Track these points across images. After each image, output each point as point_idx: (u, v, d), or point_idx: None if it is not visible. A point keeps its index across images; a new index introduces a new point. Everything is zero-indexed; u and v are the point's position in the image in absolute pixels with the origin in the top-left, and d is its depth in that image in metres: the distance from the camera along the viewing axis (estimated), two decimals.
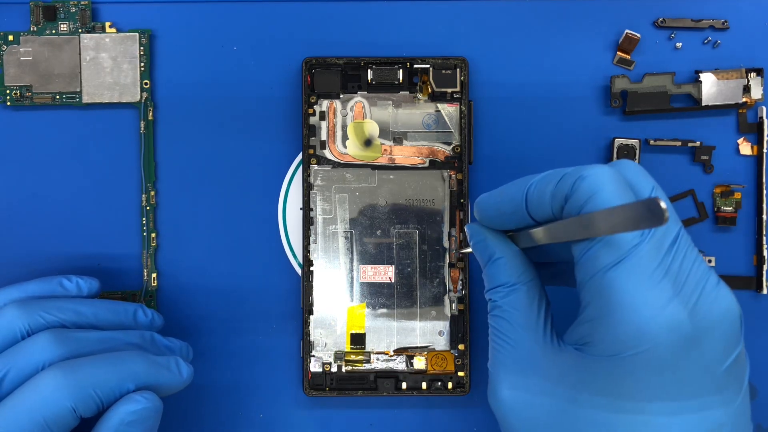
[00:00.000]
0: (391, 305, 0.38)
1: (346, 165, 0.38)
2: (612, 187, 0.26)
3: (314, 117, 0.38)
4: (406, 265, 0.38)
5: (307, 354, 0.38)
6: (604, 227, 0.25)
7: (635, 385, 0.26)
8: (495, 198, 0.30)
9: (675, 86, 0.38)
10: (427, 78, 0.38)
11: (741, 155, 0.39)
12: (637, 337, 0.26)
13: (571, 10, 0.39)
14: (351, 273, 0.38)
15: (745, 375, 0.28)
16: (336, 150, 0.38)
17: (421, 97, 0.38)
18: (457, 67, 0.38)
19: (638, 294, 0.26)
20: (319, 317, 0.38)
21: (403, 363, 0.38)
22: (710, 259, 0.39)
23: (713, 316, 0.26)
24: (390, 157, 0.38)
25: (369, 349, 0.38)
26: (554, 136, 0.39)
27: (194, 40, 0.39)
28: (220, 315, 0.39)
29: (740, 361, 0.28)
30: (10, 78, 0.38)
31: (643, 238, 0.26)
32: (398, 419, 0.39)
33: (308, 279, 0.38)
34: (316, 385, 0.38)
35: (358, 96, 0.38)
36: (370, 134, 0.38)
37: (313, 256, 0.38)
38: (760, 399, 0.39)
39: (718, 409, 0.27)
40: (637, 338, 0.26)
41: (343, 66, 0.38)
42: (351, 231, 0.38)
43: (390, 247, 0.38)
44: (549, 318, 0.30)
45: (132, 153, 0.39)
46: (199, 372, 0.37)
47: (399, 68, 0.38)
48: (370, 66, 0.38)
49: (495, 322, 0.31)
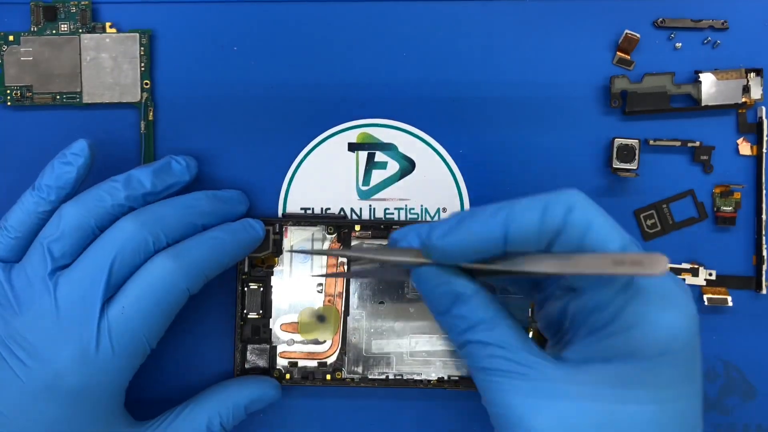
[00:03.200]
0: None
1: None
2: (599, 217, 0.27)
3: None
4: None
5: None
6: (612, 270, 0.26)
7: (654, 379, 0.27)
8: (461, 238, 0.28)
9: (675, 86, 0.38)
10: None
11: (740, 155, 0.39)
12: (673, 336, 0.27)
13: (571, 10, 0.39)
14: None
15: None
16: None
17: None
18: None
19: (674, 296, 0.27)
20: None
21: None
22: (711, 272, 0.39)
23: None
24: None
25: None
26: (554, 135, 0.39)
27: (194, 40, 0.39)
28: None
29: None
30: (10, 78, 0.38)
31: None
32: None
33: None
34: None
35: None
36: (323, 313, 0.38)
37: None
38: (760, 399, 0.39)
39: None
40: (673, 337, 0.27)
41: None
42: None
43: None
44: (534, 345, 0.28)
45: (132, 153, 0.39)
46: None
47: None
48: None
49: (488, 362, 0.28)
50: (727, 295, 0.38)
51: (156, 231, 0.33)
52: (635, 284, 0.27)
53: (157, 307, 0.33)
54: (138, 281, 0.33)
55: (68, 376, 0.32)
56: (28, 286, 0.33)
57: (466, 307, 0.28)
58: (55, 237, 0.33)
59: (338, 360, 0.38)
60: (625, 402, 0.26)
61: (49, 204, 0.34)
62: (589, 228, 0.27)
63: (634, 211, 0.39)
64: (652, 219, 0.39)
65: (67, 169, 0.34)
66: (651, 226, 0.39)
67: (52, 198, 0.34)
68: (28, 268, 0.33)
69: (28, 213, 0.34)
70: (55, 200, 0.34)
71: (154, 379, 0.37)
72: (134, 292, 0.33)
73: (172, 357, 0.39)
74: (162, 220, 0.34)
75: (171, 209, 0.35)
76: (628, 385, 0.27)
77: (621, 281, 0.27)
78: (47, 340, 0.32)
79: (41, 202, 0.34)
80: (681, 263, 0.39)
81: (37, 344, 0.32)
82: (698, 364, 0.28)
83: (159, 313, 0.33)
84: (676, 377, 0.27)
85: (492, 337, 0.28)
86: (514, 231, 0.27)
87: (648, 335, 0.27)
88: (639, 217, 0.39)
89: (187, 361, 0.39)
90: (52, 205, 0.34)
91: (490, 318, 0.28)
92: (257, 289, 0.38)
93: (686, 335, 0.27)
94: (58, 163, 0.34)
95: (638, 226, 0.39)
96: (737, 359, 0.39)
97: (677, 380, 0.27)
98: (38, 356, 0.32)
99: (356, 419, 0.39)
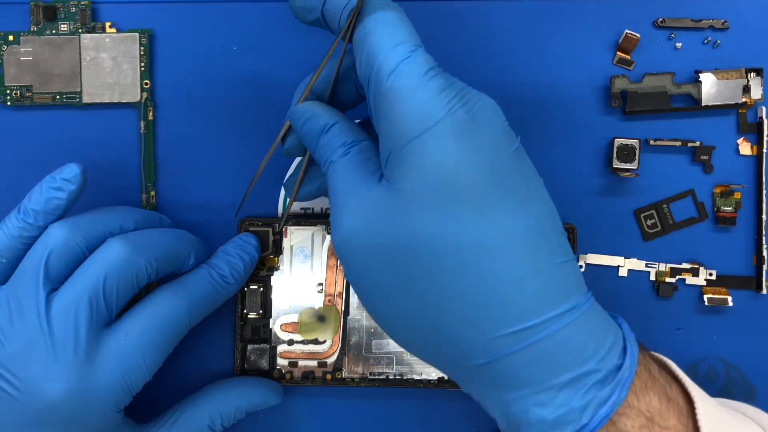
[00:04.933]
0: None
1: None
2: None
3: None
4: None
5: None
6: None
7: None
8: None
9: (675, 86, 0.38)
10: None
11: (741, 155, 0.39)
12: (422, 116, 0.27)
13: (571, 10, 0.39)
14: None
15: (533, 168, 0.30)
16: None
17: None
18: None
19: (415, 86, 0.28)
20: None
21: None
22: (711, 272, 0.39)
23: (483, 107, 0.28)
24: None
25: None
26: (554, 135, 0.39)
27: (194, 40, 0.39)
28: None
29: (523, 154, 0.29)
30: (10, 78, 0.38)
31: (412, 52, 0.28)
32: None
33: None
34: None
35: None
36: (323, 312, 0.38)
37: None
38: (760, 399, 0.39)
39: (537, 203, 0.29)
40: (423, 117, 0.27)
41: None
42: None
43: None
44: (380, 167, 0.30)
45: (132, 153, 0.39)
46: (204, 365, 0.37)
47: None
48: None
49: (332, 173, 0.30)
50: (728, 295, 0.38)
51: (147, 255, 0.33)
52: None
53: (160, 337, 0.33)
54: (145, 310, 0.33)
55: (64, 406, 0.31)
56: (17, 311, 0.32)
57: (330, 134, 0.31)
58: (45, 258, 0.32)
59: (338, 360, 0.38)
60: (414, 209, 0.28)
61: (36, 230, 0.33)
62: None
63: (634, 211, 0.39)
64: (653, 219, 0.39)
65: (58, 194, 0.33)
66: (651, 226, 0.39)
67: (39, 224, 0.33)
68: (19, 293, 0.32)
69: (12, 238, 0.33)
70: (43, 226, 0.33)
71: (154, 379, 0.37)
72: (140, 321, 0.33)
73: (172, 357, 0.38)
74: (152, 244, 0.34)
75: (161, 236, 0.35)
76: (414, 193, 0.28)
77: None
78: (40, 370, 0.31)
79: (27, 227, 0.33)
80: (681, 263, 0.39)
81: (28, 376, 0.31)
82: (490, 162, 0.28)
83: (162, 344, 0.33)
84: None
85: (344, 159, 0.30)
86: (329, 5, 0.30)
87: (402, 119, 0.28)
88: (639, 217, 0.39)
89: (187, 361, 0.39)
90: (39, 231, 0.33)
91: (349, 142, 0.30)
92: (257, 289, 0.38)
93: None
94: (47, 187, 0.33)
95: (638, 226, 0.39)
96: (737, 359, 0.39)
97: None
98: (29, 388, 0.31)
99: (356, 419, 0.39)
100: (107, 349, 0.32)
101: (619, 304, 0.39)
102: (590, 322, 0.28)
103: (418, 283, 0.28)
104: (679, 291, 0.39)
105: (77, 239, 0.33)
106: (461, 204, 0.27)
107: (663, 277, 0.39)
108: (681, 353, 0.39)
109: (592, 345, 0.28)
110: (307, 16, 0.31)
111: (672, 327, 0.39)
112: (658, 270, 0.39)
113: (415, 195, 0.27)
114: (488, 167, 0.27)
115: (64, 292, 0.32)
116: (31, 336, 0.31)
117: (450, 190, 0.27)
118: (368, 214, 0.28)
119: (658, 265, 0.39)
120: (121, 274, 0.32)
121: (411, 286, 0.28)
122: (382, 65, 0.28)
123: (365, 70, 0.29)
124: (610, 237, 0.39)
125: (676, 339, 0.39)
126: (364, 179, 0.29)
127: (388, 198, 0.28)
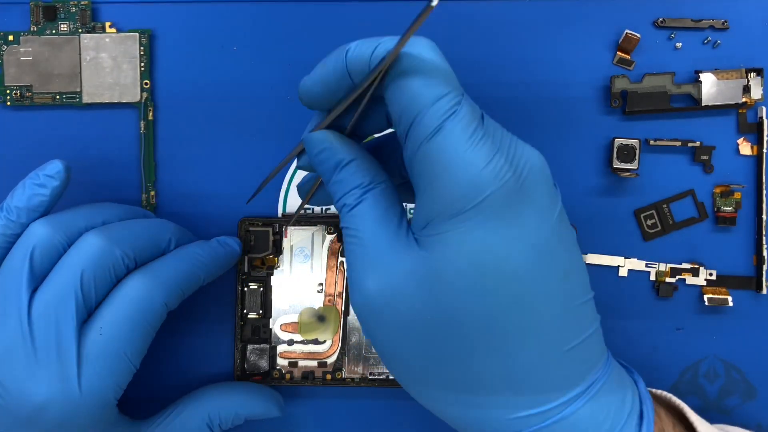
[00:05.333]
0: None
1: None
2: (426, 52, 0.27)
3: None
4: None
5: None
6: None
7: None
8: (317, 72, 0.29)
9: (675, 86, 0.38)
10: None
11: (741, 155, 0.39)
12: (469, 191, 0.26)
13: (571, 10, 0.39)
14: None
15: (570, 228, 0.29)
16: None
17: None
18: None
19: (463, 151, 0.26)
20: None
21: None
22: (711, 272, 0.39)
23: (532, 169, 0.27)
24: None
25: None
26: (554, 135, 0.39)
27: (194, 40, 0.39)
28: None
29: (563, 214, 0.28)
30: (10, 78, 0.38)
31: (457, 105, 0.26)
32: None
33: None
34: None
35: None
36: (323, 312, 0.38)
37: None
38: (760, 399, 0.39)
39: (573, 277, 0.28)
40: (471, 192, 0.26)
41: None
42: None
43: None
44: (405, 217, 0.28)
45: (132, 153, 0.39)
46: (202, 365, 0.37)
47: None
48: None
49: (351, 222, 0.28)
50: (728, 295, 0.38)
51: (124, 246, 0.32)
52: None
53: (136, 325, 0.32)
54: (115, 300, 0.32)
55: (51, 409, 0.31)
56: (0, 314, 0.31)
57: (346, 171, 0.29)
58: (29, 258, 0.32)
59: (338, 360, 0.38)
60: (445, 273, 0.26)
61: (19, 227, 0.33)
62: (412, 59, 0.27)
63: (635, 211, 0.39)
64: (653, 219, 0.39)
65: (41, 191, 0.33)
66: (651, 226, 0.39)
67: (22, 221, 0.33)
68: (0, 295, 0.32)
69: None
70: (26, 223, 0.33)
71: (153, 379, 0.37)
72: (111, 311, 0.32)
73: (171, 357, 0.39)
74: (129, 234, 0.33)
75: (139, 226, 0.34)
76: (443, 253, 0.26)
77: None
78: (23, 374, 0.31)
79: (10, 224, 0.33)
80: (681, 263, 0.39)
81: (12, 380, 0.31)
82: (534, 223, 0.26)
83: (140, 331, 0.32)
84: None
85: (361, 203, 0.28)
86: (352, 57, 0.27)
87: (446, 191, 0.26)
88: (639, 217, 0.39)
89: (187, 361, 0.39)
90: (23, 228, 0.33)
91: (366, 184, 0.28)
92: (257, 289, 0.38)
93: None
94: (30, 184, 0.33)
95: (638, 226, 0.39)
96: (737, 359, 0.39)
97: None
98: (13, 393, 0.31)
99: (356, 419, 0.39)
100: (87, 346, 0.31)
101: (619, 304, 0.39)
102: (609, 394, 0.28)
103: (445, 359, 0.27)
104: (679, 291, 0.39)
105: (59, 236, 0.32)
106: (504, 290, 0.26)
107: (663, 277, 0.39)
108: (681, 353, 0.39)
109: (609, 420, 0.28)
110: (340, 83, 0.29)
111: (672, 327, 0.39)
112: (658, 270, 0.39)
113: (456, 274, 0.26)
114: (533, 250, 0.26)
115: (44, 292, 0.31)
116: (12, 340, 0.31)
117: (494, 275, 0.26)
118: (398, 281, 0.27)
119: (658, 265, 0.39)
120: (98, 267, 0.32)
121: (437, 358, 0.27)
122: (422, 123, 0.26)
123: (403, 126, 0.27)
124: (610, 237, 0.39)
125: (676, 339, 0.39)
126: (390, 237, 0.27)
127: (425, 271, 0.26)
